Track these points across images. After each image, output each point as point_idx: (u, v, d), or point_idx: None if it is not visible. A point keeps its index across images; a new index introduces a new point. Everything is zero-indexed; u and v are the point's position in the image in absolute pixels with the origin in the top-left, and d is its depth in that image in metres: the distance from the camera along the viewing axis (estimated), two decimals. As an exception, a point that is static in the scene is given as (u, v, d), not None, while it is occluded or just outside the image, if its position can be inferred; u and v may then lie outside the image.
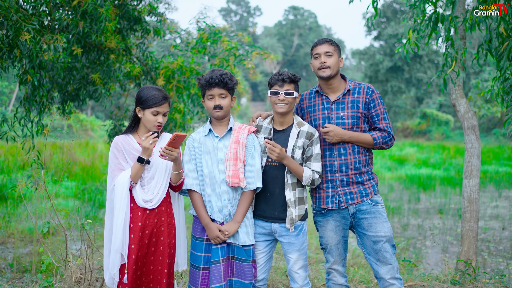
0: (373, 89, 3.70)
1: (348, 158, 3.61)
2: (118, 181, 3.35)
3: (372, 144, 3.63)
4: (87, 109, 38.03)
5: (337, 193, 3.64)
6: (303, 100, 3.85)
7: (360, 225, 3.65)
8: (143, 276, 3.45)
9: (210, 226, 3.43)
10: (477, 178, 5.33)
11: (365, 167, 3.65)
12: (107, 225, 3.47)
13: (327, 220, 3.72)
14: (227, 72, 3.49)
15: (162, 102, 3.41)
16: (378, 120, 3.66)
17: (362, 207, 3.62)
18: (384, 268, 3.62)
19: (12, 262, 6.05)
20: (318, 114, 3.72)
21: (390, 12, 40.14)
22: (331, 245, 3.72)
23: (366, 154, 3.67)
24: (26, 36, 5.11)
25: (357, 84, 3.72)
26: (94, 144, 20.26)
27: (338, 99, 3.67)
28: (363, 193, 3.62)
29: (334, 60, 3.62)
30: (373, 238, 3.61)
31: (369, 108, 3.65)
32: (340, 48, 3.74)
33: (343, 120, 3.63)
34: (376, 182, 3.71)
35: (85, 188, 11.31)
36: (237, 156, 3.45)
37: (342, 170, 3.62)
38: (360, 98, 3.64)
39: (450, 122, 35.15)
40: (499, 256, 7.04)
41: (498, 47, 4.62)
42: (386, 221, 3.63)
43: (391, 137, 3.68)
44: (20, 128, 6.29)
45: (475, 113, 5.42)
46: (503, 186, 13.59)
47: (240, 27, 60.35)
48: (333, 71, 3.62)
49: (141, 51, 7.76)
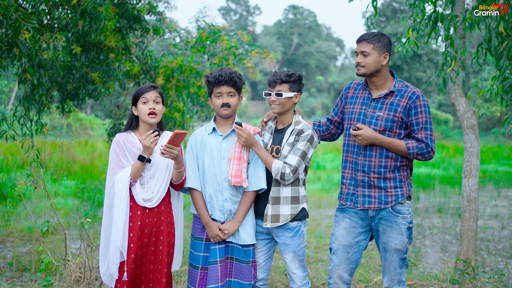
0: (419, 95, 3.44)
1: (372, 160, 3.45)
2: (118, 178, 3.35)
3: (406, 153, 3.41)
4: (86, 108, 38.00)
5: (357, 193, 3.51)
6: (349, 89, 3.70)
7: (377, 229, 3.53)
8: (142, 275, 3.45)
9: (210, 224, 3.43)
10: (477, 178, 5.33)
11: (392, 173, 3.44)
12: (105, 222, 3.46)
13: (343, 216, 3.58)
14: (236, 71, 3.50)
15: (149, 89, 3.44)
16: (418, 129, 3.42)
17: (381, 213, 3.47)
18: (386, 276, 3.58)
19: (12, 261, 6.05)
20: (356, 107, 3.57)
21: (390, 11, 40.14)
22: (340, 244, 3.55)
23: (398, 160, 3.45)
24: (25, 35, 5.11)
25: (404, 86, 3.50)
26: (94, 143, 20.24)
27: (379, 98, 3.50)
28: (382, 200, 3.44)
29: (370, 60, 3.43)
30: (383, 245, 3.51)
31: (409, 114, 3.42)
32: (385, 43, 3.48)
33: (377, 120, 3.45)
34: (403, 192, 3.46)
35: (84, 187, 11.31)
36: (241, 156, 3.45)
37: (364, 171, 3.47)
38: (402, 102, 3.43)
39: (449, 121, 35.14)
40: (498, 255, 7.04)
41: (498, 46, 4.62)
42: (401, 234, 3.44)
43: (429, 150, 3.42)
44: (19, 127, 6.29)
45: (475, 112, 5.42)
46: (503, 185, 13.59)
47: (240, 26, 60.32)
48: (368, 70, 3.45)
49: (141, 50, 7.76)
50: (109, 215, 3.44)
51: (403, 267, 3.53)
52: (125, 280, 3.36)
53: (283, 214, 3.46)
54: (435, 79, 27.46)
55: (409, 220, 3.48)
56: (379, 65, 3.47)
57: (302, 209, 3.52)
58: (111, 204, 3.42)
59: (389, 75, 3.57)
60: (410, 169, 3.57)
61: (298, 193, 3.50)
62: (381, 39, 3.47)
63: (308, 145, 3.45)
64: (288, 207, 3.46)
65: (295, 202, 3.49)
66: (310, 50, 57.72)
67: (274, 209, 3.45)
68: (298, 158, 3.39)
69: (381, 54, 3.46)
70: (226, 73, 3.43)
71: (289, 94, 3.47)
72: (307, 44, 58.82)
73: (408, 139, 3.49)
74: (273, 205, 3.45)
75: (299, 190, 3.52)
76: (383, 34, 3.51)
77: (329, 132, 3.86)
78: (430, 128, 3.45)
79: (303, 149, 3.42)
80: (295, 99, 3.54)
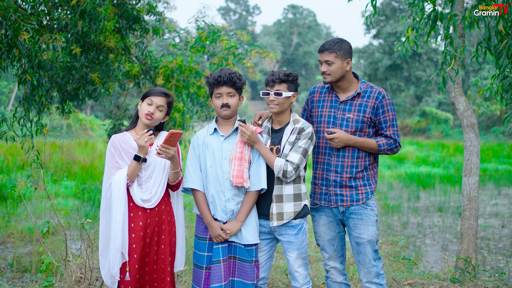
0: (385, 94, 3.65)
1: (345, 161, 3.62)
2: (115, 179, 3.35)
3: (377, 150, 3.63)
4: (86, 108, 38.00)
5: (329, 192, 3.68)
6: (314, 93, 3.84)
7: (348, 224, 3.70)
8: (146, 275, 3.45)
9: (212, 224, 3.43)
10: (477, 176, 5.33)
11: (361, 173, 3.65)
12: (103, 223, 3.45)
13: (319, 215, 3.77)
14: (235, 71, 3.50)
15: (159, 94, 3.45)
16: (386, 126, 3.64)
17: (351, 208, 3.66)
18: (362, 271, 3.68)
19: (12, 261, 6.05)
20: (325, 111, 3.72)
21: (389, 10, 40.12)
22: (324, 240, 3.77)
23: (366, 160, 3.66)
24: (25, 35, 5.11)
25: (369, 87, 3.68)
26: (94, 143, 20.24)
27: (347, 100, 3.67)
28: (354, 198, 3.64)
29: (334, 68, 3.58)
30: (356, 239, 3.65)
31: (377, 113, 3.63)
32: (346, 50, 3.62)
33: (347, 122, 3.62)
34: (372, 190, 3.69)
35: (84, 188, 11.31)
36: (242, 156, 3.45)
37: (337, 171, 3.64)
38: (369, 102, 3.62)
39: (449, 120, 35.14)
40: (498, 254, 7.04)
41: (497, 45, 4.61)
42: (372, 225, 3.64)
43: (397, 144, 3.66)
44: (19, 128, 6.29)
45: (474, 111, 5.42)
46: (503, 184, 13.59)
47: (239, 26, 60.30)
48: (334, 78, 3.61)
49: (140, 50, 7.75)
50: (107, 216, 3.43)
51: (377, 260, 3.67)
52: (129, 281, 3.35)
53: (287, 212, 3.48)
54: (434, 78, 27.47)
55: (375, 212, 3.70)
56: (344, 71, 3.62)
57: (304, 206, 3.54)
58: (109, 205, 3.41)
59: (353, 77, 3.72)
60: (376, 167, 3.77)
61: (300, 190, 3.52)
62: (342, 46, 3.61)
63: (309, 142, 3.48)
64: (291, 204, 3.48)
65: (298, 199, 3.51)
66: (309, 49, 57.72)
67: (278, 207, 3.47)
68: (300, 155, 3.42)
69: (344, 60, 3.60)
70: (225, 74, 3.44)
71: (288, 93, 3.48)
72: (306, 43, 58.81)
73: (376, 136, 3.69)
74: (277, 203, 3.47)
75: (301, 187, 3.54)
76: (343, 40, 3.65)
77: None
78: (396, 124, 3.69)
79: (305, 146, 3.45)
80: (293, 99, 3.56)
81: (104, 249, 3.44)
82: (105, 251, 3.44)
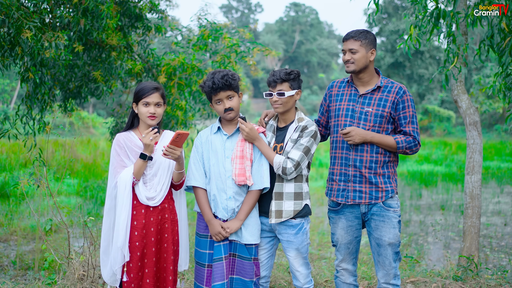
0: (406, 90, 3.54)
1: (364, 155, 3.49)
2: (121, 178, 3.35)
3: (395, 148, 3.49)
4: (88, 106, 38.03)
5: (348, 188, 3.55)
6: (332, 88, 3.75)
7: (369, 224, 3.59)
8: (149, 273, 3.45)
9: (213, 222, 3.43)
10: (479, 174, 5.32)
11: (382, 169, 3.51)
12: (107, 222, 3.45)
13: (339, 217, 3.64)
14: (227, 72, 3.44)
15: (151, 92, 3.39)
16: (405, 123, 3.51)
17: (373, 208, 3.53)
18: (381, 272, 3.61)
19: (15, 259, 6.07)
20: (343, 104, 3.61)
21: (392, 8, 40.04)
22: (341, 243, 3.66)
23: (386, 156, 3.52)
24: (27, 33, 5.11)
25: (389, 82, 3.58)
26: (96, 141, 20.28)
27: (367, 93, 3.56)
28: (373, 196, 3.50)
29: (358, 56, 3.49)
30: (377, 240, 3.56)
31: (397, 109, 3.50)
32: (371, 39, 3.54)
33: (366, 116, 3.51)
34: (392, 188, 3.54)
35: (87, 186, 11.33)
36: (244, 154, 3.44)
37: (356, 165, 3.51)
38: (390, 97, 3.51)
39: (451, 118, 35.08)
40: (501, 252, 7.04)
41: (500, 43, 4.60)
42: (394, 228, 3.52)
43: (416, 143, 3.52)
44: (22, 126, 6.30)
45: (477, 109, 5.41)
46: (505, 182, 13.58)
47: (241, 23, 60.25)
48: (357, 67, 3.51)
49: (143, 48, 7.76)
50: (112, 215, 3.43)
51: (397, 261, 3.60)
52: (131, 279, 3.35)
53: (286, 210, 3.45)
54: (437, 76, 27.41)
55: (398, 213, 3.57)
56: (367, 61, 3.54)
57: (305, 205, 3.51)
58: (114, 204, 3.41)
59: (375, 71, 3.65)
60: (396, 166, 3.65)
61: (301, 189, 3.50)
62: (367, 36, 3.54)
63: (312, 141, 3.44)
64: (291, 203, 3.46)
65: (298, 198, 3.48)
66: (311, 47, 57.66)
67: (277, 204, 3.45)
68: (301, 153, 3.39)
69: (368, 50, 3.53)
70: (218, 80, 3.38)
71: (290, 92, 3.46)
72: (308, 41, 58.75)
73: (395, 134, 3.57)
74: (276, 201, 3.46)
75: (302, 187, 3.51)
76: (368, 31, 3.59)
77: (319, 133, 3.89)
78: (416, 122, 3.55)
79: (307, 144, 3.42)
80: (296, 97, 3.54)
81: (107, 247, 3.44)
82: (107, 250, 3.44)
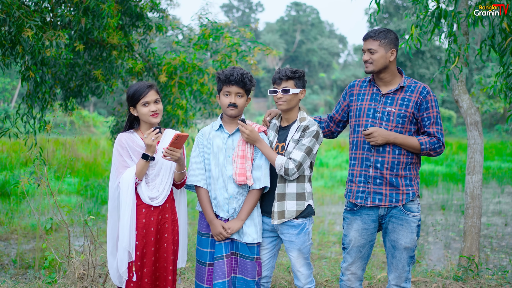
0: (429, 90, 3.44)
1: (386, 156, 3.41)
2: (124, 178, 3.34)
3: (419, 149, 3.40)
4: (89, 105, 38.04)
5: (367, 189, 3.46)
6: (354, 87, 3.67)
7: (386, 226, 3.51)
8: (149, 273, 3.45)
9: (214, 222, 3.44)
10: (480, 174, 5.32)
11: (404, 170, 3.42)
12: (111, 223, 3.45)
13: (355, 218, 3.55)
14: (248, 72, 3.47)
15: (147, 91, 3.39)
16: (429, 124, 3.42)
17: (392, 211, 3.45)
18: (393, 273, 3.55)
19: (15, 258, 6.08)
20: (365, 104, 3.53)
21: (393, 7, 40.04)
22: (353, 245, 3.57)
23: (409, 157, 3.43)
24: (28, 32, 5.11)
25: (413, 82, 3.49)
26: (97, 140, 20.29)
27: (389, 93, 3.47)
28: (393, 198, 3.42)
29: (377, 57, 3.41)
30: (392, 242, 3.50)
31: (420, 109, 3.41)
32: (392, 39, 3.44)
33: (388, 116, 3.42)
34: (414, 191, 3.45)
35: (87, 185, 11.34)
36: (245, 154, 3.44)
37: (377, 167, 3.43)
38: (413, 97, 3.41)
39: (452, 118, 35.07)
40: (501, 252, 7.04)
41: (501, 43, 4.60)
42: (411, 232, 3.44)
43: (440, 144, 3.42)
44: (22, 125, 6.30)
45: (478, 109, 5.40)
46: (506, 182, 13.57)
47: (242, 23, 60.25)
48: (376, 67, 3.44)
49: (143, 47, 7.76)
50: (116, 215, 3.43)
51: (410, 265, 3.53)
52: (132, 278, 3.36)
53: (288, 210, 3.45)
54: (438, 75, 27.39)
55: (418, 218, 3.48)
56: (387, 61, 3.45)
57: (308, 206, 3.51)
58: (117, 204, 3.41)
59: (397, 71, 3.55)
60: (418, 168, 3.56)
61: (303, 189, 3.49)
62: (387, 35, 3.44)
63: (314, 141, 3.43)
64: (293, 203, 3.45)
65: (301, 198, 3.48)
66: (312, 47, 57.63)
67: (280, 205, 3.45)
68: (303, 153, 3.38)
69: (388, 50, 3.44)
70: (237, 73, 3.41)
71: (295, 90, 3.46)
72: (309, 41, 58.71)
73: (418, 135, 3.48)
74: (278, 202, 3.45)
75: (305, 187, 3.50)
76: (389, 30, 3.48)
77: (329, 130, 3.86)
78: (440, 123, 3.45)
79: (309, 144, 3.41)
80: (301, 95, 3.54)
81: (113, 248, 3.44)
82: (114, 251, 3.44)
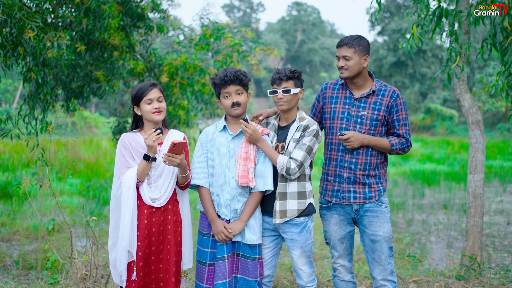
0: (399, 93, 3.66)
1: (359, 158, 3.61)
2: (125, 178, 3.36)
3: (389, 150, 3.64)
4: (91, 106, 38.07)
5: (342, 189, 3.65)
6: (327, 90, 3.82)
7: (362, 222, 3.68)
8: (151, 274, 3.45)
9: (216, 221, 3.44)
10: (482, 173, 5.31)
11: (374, 171, 3.65)
12: (113, 222, 3.46)
13: (331, 214, 3.73)
14: (240, 69, 3.50)
15: (150, 89, 3.43)
16: (399, 125, 3.66)
17: (366, 205, 3.65)
18: (377, 268, 3.66)
19: (18, 259, 6.08)
20: (339, 107, 3.70)
21: (394, 7, 39.98)
22: (335, 239, 3.75)
23: (379, 158, 3.67)
24: (29, 33, 5.12)
25: (383, 85, 3.69)
26: (98, 141, 20.31)
27: (362, 97, 3.65)
28: (367, 195, 3.63)
29: (352, 63, 3.57)
30: (371, 236, 3.64)
31: (391, 112, 3.63)
32: (365, 46, 3.62)
33: (362, 119, 3.62)
34: (384, 188, 3.70)
35: (89, 185, 11.35)
36: (248, 156, 3.45)
37: (351, 167, 3.62)
38: (384, 100, 3.62)
39: (454, 117, 35.03)
40: (504, 251, 7.03)
41: (503, 42, 4.59)
42: (387, 222, 3.65)
43: (408, 144, 3.68)
44: (24, 126, 6.30)
45: (480, 108, 5.40)
46: (508, 181, 13.55)
47: (243, 23, 60.24)
48: (351, 73, 3.59)
49: (145, 48, 7.76)
50: (117, 215, 3.44)
51: (391, 257, 3.68)
52: (135, 279, 3.36)
53: (290, 209, 3.47)
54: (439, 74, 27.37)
55: (389, 209, 3.72)
56: (361, 67, 3.61)
57: (309, 204, 3.53)
58: (118, 204, 3.42)
59: (368, 75, 3.72)
60: (386, 166, 3.79)
61: (304, 188, 3.51)
62: (360, 43, 3.60)
63: (314, 140, 3.46)
64: (295, 202, 3.47)
65: (302, 197, 3.50)
66: (314, 46, 57.62)
67: (282, 204, 3.47)
68: (304, 153, 3.41)
69: (362, 57, 3.59)
70: (231, 73, 3.44)
71: (295, 90, 3.49)
72: (311, 40, 58.70)
73: (388, 135, 3.71)
74: (280, 201, 3.47)
75: (306, 186, 3.53)
76: (361, 37, 3.64)
77: None
78: (408, 124, 3.71)
79: (309, 144, 3.43)
80: (300, 95, 3.57)
81: (113, 247, 3.45)
82: (113, 249, 3.45)
